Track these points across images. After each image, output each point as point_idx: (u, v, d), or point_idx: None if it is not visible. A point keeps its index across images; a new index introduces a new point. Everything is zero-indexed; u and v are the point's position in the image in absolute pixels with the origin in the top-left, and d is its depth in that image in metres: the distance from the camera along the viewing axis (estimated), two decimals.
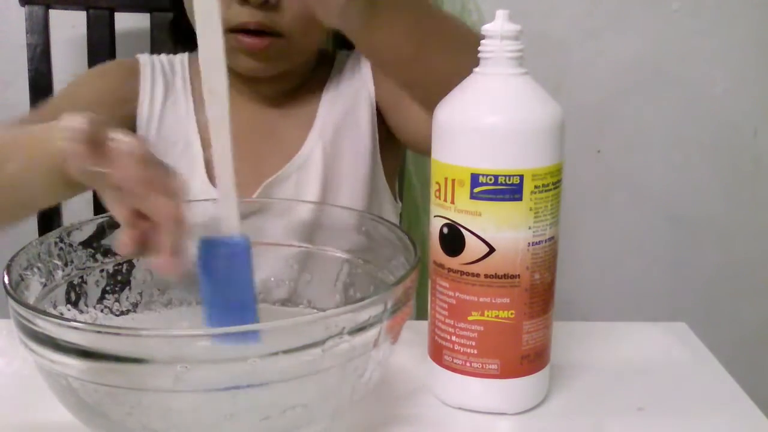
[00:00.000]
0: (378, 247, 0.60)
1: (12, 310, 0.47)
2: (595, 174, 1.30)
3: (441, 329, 0.57)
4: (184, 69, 0.92)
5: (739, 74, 1.28)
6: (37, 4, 1.04)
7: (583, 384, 0.62)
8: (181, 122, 0.88)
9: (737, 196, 1.33)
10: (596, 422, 0.58)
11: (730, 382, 0.63)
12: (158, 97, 0.89)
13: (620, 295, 1.37)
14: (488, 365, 0.56)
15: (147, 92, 0.89)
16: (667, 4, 1.24)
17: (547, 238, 0.55)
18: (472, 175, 0.53)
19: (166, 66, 0.92)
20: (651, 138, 1.30)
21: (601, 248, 1.35)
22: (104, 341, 0.44)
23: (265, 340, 0.44)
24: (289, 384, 0.46)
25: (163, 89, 0.90)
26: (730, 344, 1.03)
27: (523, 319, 0.55)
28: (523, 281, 0.55)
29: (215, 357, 0.44)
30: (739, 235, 1.35)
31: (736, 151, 1.31)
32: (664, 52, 1.26)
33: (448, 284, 0.56)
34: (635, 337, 0.70)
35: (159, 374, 0.44)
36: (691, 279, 1.36)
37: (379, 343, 0.49)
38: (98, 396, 0.46)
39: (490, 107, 0.54)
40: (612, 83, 1.27)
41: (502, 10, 0.54)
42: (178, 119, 0.89)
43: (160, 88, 0.90)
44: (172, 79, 0.91)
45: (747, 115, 1.30)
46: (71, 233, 0.59)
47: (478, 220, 0.54)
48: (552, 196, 0.54)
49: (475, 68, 0.55)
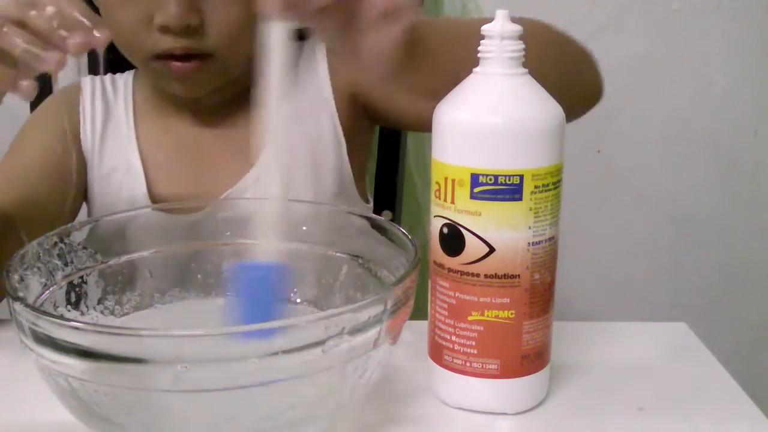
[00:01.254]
0: (378, 247, 0.60)
1: (12, 310, 0.47)
2: (595, 174, 1.30)
3: (441, 329, 0.57)
4: (126, 87, 0.88)
5: (739, 74, 1.28)
6: None
7: (583, 384, 0.62)
8: (122, 146, 0.85)
9: (737, 196, 1.33)
10: (596, 422, 0.58)
11: (730, 382, 0.63)
12: (98, 123, 0.86)
13: (620, 295, 1.37)
14: (488, 365, 0.56)
15: (87, 119, 0.86)
16: (667, 4, 1.24)
17: (547, 238, 0.55)
18: (472, 175, 0.53)
19: (108, 87, 0.88)
20: (651, 138, 1.30)
21: (601, 248, 1.35)
22: (104, 341, 0.44)
23: (265, 339, 0.44)
24: (289, 384, 0.46)
25: (102, 114, 0.86)
26: (730, 344, 1.03)
27: (523, 319, 0.55)
28: (523, 281, 0.55)
29: (215, 357, 0.44)
30: (739, 235, 1.35)
31: (736, 151, 1.31)
32: (664, 52, 1.26)
33: (448, 284, 0.56)
34: (635, 337, 0.70)
35: (159, 374, 0.44)
36: (692, 279, 1.36)
37: (379, 343, 0.49)
38: (98, 396, 0.46)
39: (491, 107, 0.54)
40: (612, 83, 1.26)
41: (501, 10, 0.54)
42: (119, 143, 0.86)
43: (99, 113, 0.86)
44: (114, 100, 0.88)
45: (747, 115, 1.30)
46: (71, 233, 0.59)
47: (478, 220, 0.54)
48: (552, 196, 0.54)
49: (475, 68, 0.55)
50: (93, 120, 0.86)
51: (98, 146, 0.86)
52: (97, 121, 0.86)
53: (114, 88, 0.89)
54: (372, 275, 0.61)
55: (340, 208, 0.68)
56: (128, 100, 0.88)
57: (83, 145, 0.86)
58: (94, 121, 0.86)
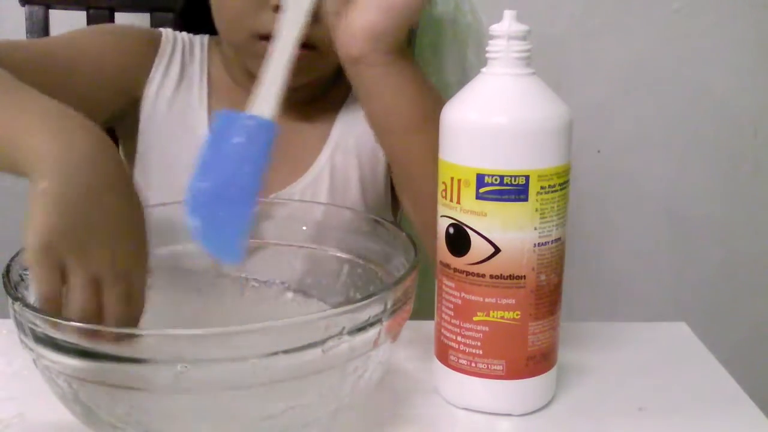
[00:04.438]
0: (378, 247, 0.60)
1: (12, 310, 0.47)
2: (595, 174, 1.30)
3: (447, 329, 0.57)
4: (203, 53, 0.87)
5: (739, 74, 1.27)
6: (37, 4, 1.03)
7: (583, 384, 0.62)
8: (192, 111, 0.84)
9: (737, 196, 1.33)
10: (596, 422, 0.58)
11: (730, 382, 0.63)
12: (172, 79, 0.84)
13: (620, 295, 1.36)
14: (493, 366, 0.56)
15: (161, 70, 0.84)
16: (667, 4, 1.24)
17: (554, 240, 0.55)
18: (478, 176, 0.53)
19: (187, 46, 0.86)
20: (651, 138, 1.30)
21: (601, 248, 1.35)
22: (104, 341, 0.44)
23: (265, 339, 0.44)
24: (289, 384, 0.46)
25: (179, 71, 0.84)
26: (730, 344, 1.03)
27: (529, 320, 0.55)
28: (529, 282, 0.54)
29: (215, 357, 0.44)
30: (739, 235, 1.35)
31: (736, 151, 1.31)
32: (664, 52, 1.26)
33: (454, 284, 0.56)
34: (635, 337, 0.70)
35: (159, 374, 0.44)
36: (691, 279, 1.36)
37: (379, 343, 0.49)
38: (98, 396, 0.46)
39: (497, 107, 0.54)
40: (612, 83, 1.27)
41: (509, 11, 0.54)
42: (189, 106, 0.84)
43: (176, 69, 0.84)
44: (189, 62, 0.86)
45: (747, 115, 1.30)
46: None
47: (484, 221, 0.54)
48: (558, 197, 0.54)
49: (482, 68, 0.55)
50: (166, 73, 0.84)
51: (165, 103, 0.83)
52: (171, 77, 0.84)
53: (191, 48, 0.87)
54: (372, 275, 0.61)
55: (340, 208, 0.68)
56: (203, 65, 0.86)
57: (145, 95, 0.83)
58: (167, 74, 0.84)
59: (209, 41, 0.88)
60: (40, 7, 1.04)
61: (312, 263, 0.65)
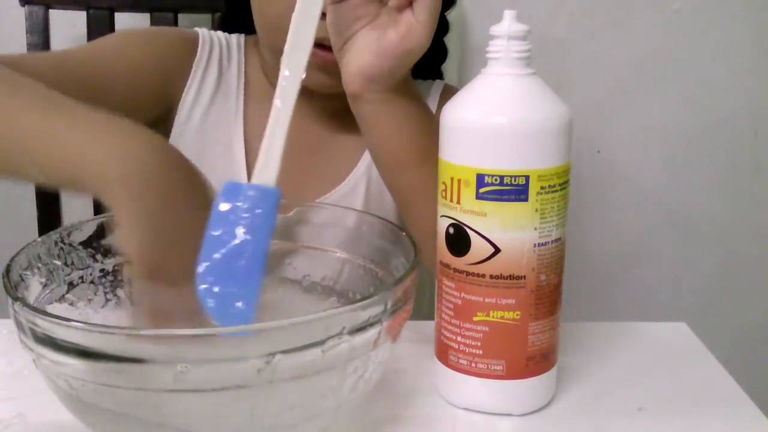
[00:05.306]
0: (378, 246, 0.60)
1: (12, 310, 0.47)
2: (595, 174, 1.30)
3: (447, 329, 0.57)
4: (240, 54, 0.84)
5: (739, 74, 1.28)
6: (37, 4, 1.04)
7: (583, 384, 0.62)
8: (227, 121, 0.81)
9: (737, 196, 1.33)
10: (596, 422, 0.58)
11: (730, 382, 0.63)
12: (209, 86, 0.81)
13: (620, 295, 1.37)
14: (493, 366, 0.56)
15: (197, 77, 0.81)
16: (667, 4, 1.24)
17: (554, 240, 0.55)
18: (478, 176, 0.53)
19: (224, 49, 0.83)
20: (651, 138, 1.30)
21: (600, 248, 1.35)
22: (104, 341, 0.44)
23: (265, 339, 0.44)
24: (289, 384, 0.46)
25: (216, 76, 0.82)
26: (730, 344, 1.03)
27: (529, 320, 0.55)
28: (529, 282, 0.54)
29: (215, 357, 0.44)
30: (738, 235, 1.35)
31: (736, 151, 1.31)
32: (664, 52, 1.26)
33: (454, 284, 0.56)
34: (635, 337, 0.70)
35: (159, 374, 0.44)
36: (691, 279, 1.36)
37: (379, 343, 0.49)
38: (98, 396, 0.46)
39: (497, 107, 0.54)
40: (612, 83, 1.27)
41: (509, 11, 0.54)
42: (225, 117, 0.81)
43: (214, 74, 0.82)
44: (227, 66, 0.83)
45: (747, 115, 1.30)
46: (71, 233, 0.59)
47: (484, 221, 0.54)
48: (558, 197, 0.54)
49: (482, 68, 0.55)
50: (203, 80, 0.81)
51: (201, 112, 0.81)
52: (208, 84, 0.81)
53: (228, 51, 0.84)
54: (372, 275, 0.61)
55: (340, 208, 0.68)
56: (241, 72, 0.84)
57: (181, 102, 0.81)
58: (204, 81, 0.81)
59: (246, 41, 0.87)
60: (40, 7, 1.04)
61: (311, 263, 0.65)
